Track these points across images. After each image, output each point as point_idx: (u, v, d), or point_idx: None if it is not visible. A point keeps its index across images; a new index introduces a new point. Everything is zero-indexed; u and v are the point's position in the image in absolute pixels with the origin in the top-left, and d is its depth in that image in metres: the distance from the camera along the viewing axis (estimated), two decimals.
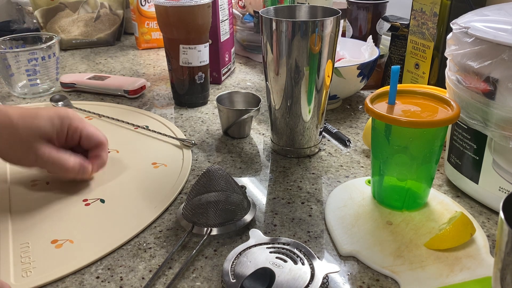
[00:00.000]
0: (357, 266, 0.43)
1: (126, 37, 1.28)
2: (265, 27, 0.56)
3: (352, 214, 0.49)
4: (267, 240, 0.44)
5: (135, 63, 1.05)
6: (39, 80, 0.85)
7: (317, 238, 0.47)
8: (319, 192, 0.55)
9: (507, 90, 0.43)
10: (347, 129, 0.71)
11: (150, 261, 0.44)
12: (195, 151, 0.65)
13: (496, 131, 0.45)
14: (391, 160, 0.48)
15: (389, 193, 0.50)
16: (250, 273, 0.40)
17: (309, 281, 0.39)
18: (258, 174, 0.59)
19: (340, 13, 0.56)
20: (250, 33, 1.03)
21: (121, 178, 0.57)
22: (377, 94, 0.49)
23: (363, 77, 0.74)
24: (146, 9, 1.13)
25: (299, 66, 0.55)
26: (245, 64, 1.04)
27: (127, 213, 0.51)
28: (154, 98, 0.84)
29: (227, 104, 0.70)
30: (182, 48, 0.74)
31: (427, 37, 0.68)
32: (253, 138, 0.68)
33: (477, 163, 0.49)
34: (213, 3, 0.80)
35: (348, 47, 0.84)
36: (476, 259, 0.43)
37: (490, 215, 0.50)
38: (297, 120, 0.59)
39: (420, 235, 0.46)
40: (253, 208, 0.50)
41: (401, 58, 0.81)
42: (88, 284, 0.42)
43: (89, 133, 0.56)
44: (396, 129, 0.45)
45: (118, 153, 0.63)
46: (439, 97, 0.48)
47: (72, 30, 1.15)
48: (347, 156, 0.63)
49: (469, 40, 0.46)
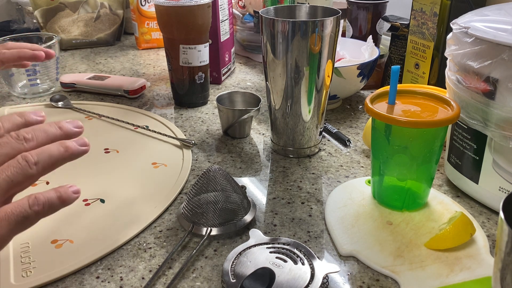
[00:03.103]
0: (357, 266, 0.43)
1: (126, 37, 1.28)
2: (265, 27, 0.56)
3: (352, 214, 0.49)
4: (267, 240, 0.44)
5: (135, 63, 1.05)
6: (39, 80, 0.85)
7: (317, 238, 0.47)
8: (319, 192, 0.55)
9: (507, 90, 0.43)
10: (347, 129, 0.71)
11: (150, 261, 0.44)
12: (195, 151, 0.65)
13: (496, 131, 0.45)
14: (391, 160, 0.48)
15: (389, 193, 0.50)
16: (250, 273, 0.40)
17: (309, 281, 0.39)
18: (258, 174, 0.59)
19: (340, 13, 0.56)
20: (250, 33, 1.03)
21: (121, 178, 0.57)
22: (377, 94, 0.49)
23: (363, 77, 0.74)
24: (146, 9, 1.13)
25: (299, 66, 0.55)
26: (245, 64, 1.04)
27: (127, 213, 0.51)
28: (154, 98, 0.84)
29: (227, 104, 0.70)
30: (182, 48, 0.74)
31: (427, 37, 0.68)
32: (253, 138, 0.68)
33: (477, 163, 0.49)
34: (213, 3, 0.80)
35: (348, 47, 0.84)
36: (476, 259, 0.43)
37: (490, 215, 0.50)
38: (297, 120, 0.59)
39: (420, 235, 0.46)
40: (253, 208, 0.50)
41: (401, 58, 0.81)
42: (88, 284, 0.42)
43: None
44: (396, 129, 0.45)
45: (118, 153, 0.63)
46: (439, 97, 0.48)
47: (72, 30, 1.15)
48: (347, 156, 0.63)
49: (469, 40, 0.46)
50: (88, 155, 0.63)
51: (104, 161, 0.61)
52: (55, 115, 0.76)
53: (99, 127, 0.72)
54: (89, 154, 0.63)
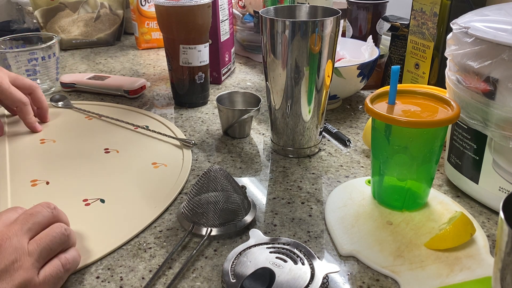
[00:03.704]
0: (357, 266, 0.43)
1: (126, 37, 1.28)
2: (265, 27, 0.56)
3: (352, 214, 0.49)
4: (267, 240, 0.44)
5: (135, 63, 1.05)
6: (39, 80, 0.85)
7: (317, 238, 0.47)
8: (319, 192, 0.55)
9: (507, 90, 0.43)
10: (347, 129, 0.71)
11: (150, 261, 0.44)
12: (195, 151, 0.65)
13: (496, 131, 0.45)
14: (391, 160, 0.48)
15: (389, 193, 0.50)
16: (250, 273, 0.40)
17: (309, 281, 0.39)
18: (258, 174, 0.59)
19: (340, 13, 0.56)
20: (250, 33, 1.03)
21: (121, 178, 0.57)
22: (377, 94, 0.49)
23: (363, 77, 0.74)
24: (146, 9, 1.13)
25: (299, 66, 0.55)
26: (245, 64, 1.04)
27: (127, 213, 0.51)
28: (154, 98, 0.84)
29: (227, 104, 0.70)
30: (182, 48, 0.74)
31: (427, 37, 0.68)
32: (253, 138, 0.68)
33: (477, 163, 0.49)
34: (213, 3, 0.80)
35: (348, 47, 0.84)
36: (476, 259, 0.43)
37: (490, 215, 0.50)
38: (297, 120, 0.59)
39: (420, 235, 0.46)
40: (253, 208, 0.50)
41: (401, 58, 0.81)
42: (88, 284, 0.42)
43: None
44: (396, 129, 0.45)
45: (118, 153, 0.63)
46: (439, 97, 0.48)
47: (72, 30, 1.15)
48: (347, 156, 0.63)
49: (469, 40, 0.46)
50: (88, 155, 0.63)
51: (104, 161, 0.61)
52: (55, 115, 0.76)
53: (99, 127, 0.72)
54: (89, 154, 0.63)
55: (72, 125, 0.72)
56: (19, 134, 0.69)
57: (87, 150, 0.64)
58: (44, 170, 0.59)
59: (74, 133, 0.70)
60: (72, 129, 0.71)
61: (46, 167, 0.60)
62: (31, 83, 0.70)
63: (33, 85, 0.70)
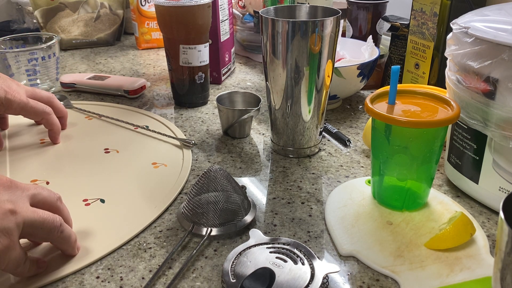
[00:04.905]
0: (357, 266, 0.43)
1: (126, 37, 1.28)
2: (265, 27, 0.56)
3: (352, 214, 0.49)
4: (267, 240, 0.44)
5: (135, 63, 1.05)
6: (39, 80, 0.85)
7: (317, 238, 0.47)
8: (319, 192, 0.55)
9: (507, 90, 0.43)
10: (347, 129, 0.71)
11: (150, 261, 0.44)
12: (195, 151, 0.65)
13: (496, 131, 0.45)
14: (391, 160, 0.48)
15: (389, 193, 0.50)
16: (250, 273, 0.40)
17: (309, 281, 0.39)
18: (258, 174, 0.59)
19: (340, 13, 0.56)
20: (250, 33, 1.03)
21: (121, 178, 0.57)
22: (377, 94, 0.49)
23: (363, 77, 0.74)
24: (146, 9, 1.13)
25: (299, 66, 0.55)
26: (245, 64, 1.04)
27: (127, 213, 0.51)
28: (154, 98, 0.84)
29: (227, 104, 0.70)
30: (182, 48, 0.74)
31: (427, 37, 0.68)
32: (253, 138, 0.68)
33: (477, 163, 0.49)
34: (213, 3, 0.80)
35: (348, 47, 0.84)
36: (476, 259, 0.43)
37: (490, 215, 0.50)
38: (297, 120, 0.59)
39: (420, 235, 0.46)
40: (253, 208, 0.50)
41: (401, 58, 0.81)
42: (88, 284, 0.42)
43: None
44: (396, 129, 0.45)
45: (118, 153, 0.63)
46: (439, 97, 0.48)
47: (72, 30, 1.15)
48: (347, 156, 0.63)
49: (469, 40, 0.46)
50: (88, 155, 0.63)
51: (104, 161, 0.61)
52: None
53: (99, 127, 0.72)
54: (89, 154, 0.63)
55: (72, 125, 0.72)
56: (19, 134, 0.69)
57: (87, 150, 0.64)
58: (44, 170, 0.59)
59: (74, 133, 0.70)
60: (72, 129, 0.71)
61: (46, 167, 0.60)
62: (48, 94, 0.68)
63: (50, 96, 0.68)
